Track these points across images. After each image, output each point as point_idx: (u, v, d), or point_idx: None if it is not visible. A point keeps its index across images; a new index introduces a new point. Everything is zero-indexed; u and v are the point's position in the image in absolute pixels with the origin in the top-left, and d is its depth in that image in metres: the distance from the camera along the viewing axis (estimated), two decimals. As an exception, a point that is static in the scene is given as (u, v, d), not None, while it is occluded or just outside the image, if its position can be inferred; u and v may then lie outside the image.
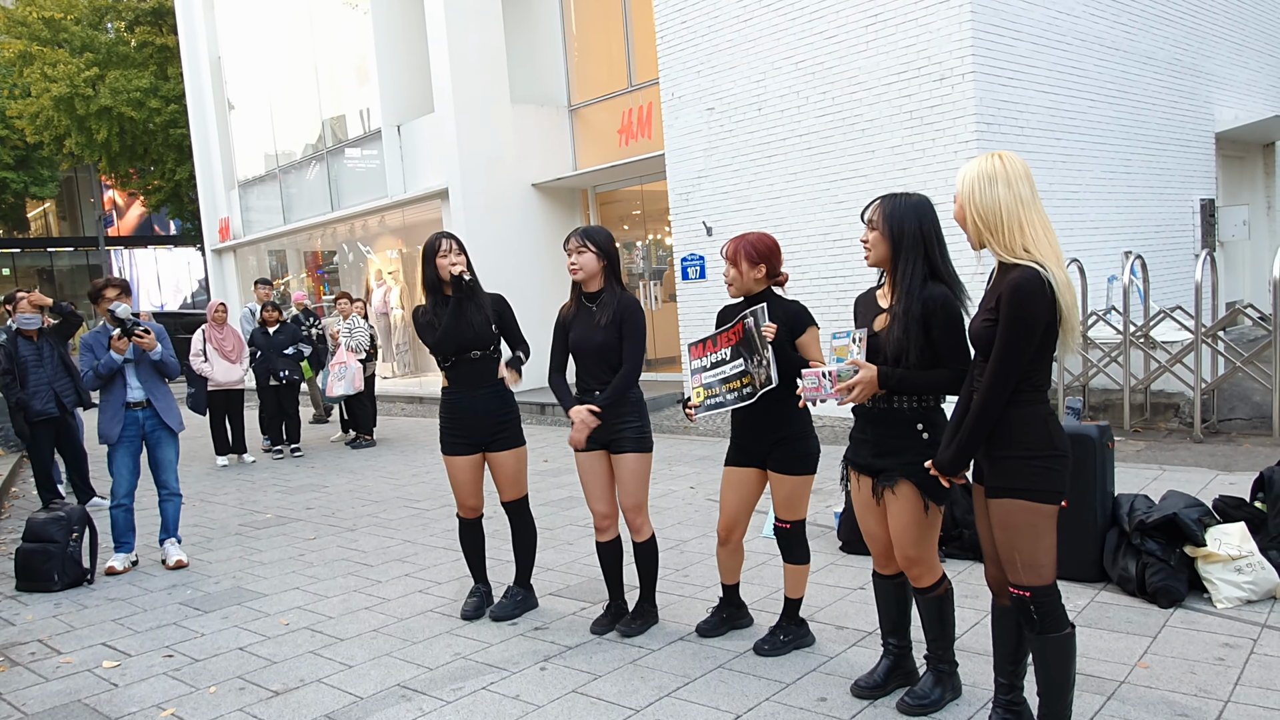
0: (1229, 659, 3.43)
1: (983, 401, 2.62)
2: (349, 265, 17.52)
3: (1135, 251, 8.74)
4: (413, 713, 3.46)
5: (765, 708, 3.30)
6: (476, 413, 4.28)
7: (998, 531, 2.69)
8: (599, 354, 3.93)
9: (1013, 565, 2.67)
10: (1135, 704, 3.14)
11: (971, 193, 2.64)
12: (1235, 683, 3.24)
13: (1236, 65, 12.12)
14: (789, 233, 9.54)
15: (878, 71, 8.69)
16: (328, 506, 7.29)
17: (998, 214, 2.61)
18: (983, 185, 2.62)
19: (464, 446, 4.33)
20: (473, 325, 4.21)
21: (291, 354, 9.83)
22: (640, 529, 4.04)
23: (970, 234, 2.69)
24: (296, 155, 16.69)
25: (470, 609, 4.45)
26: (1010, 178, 2.61)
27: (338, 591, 5.04)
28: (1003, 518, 2.67)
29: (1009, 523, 2.65)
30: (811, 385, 3.08)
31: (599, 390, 3.95)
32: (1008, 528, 2.66)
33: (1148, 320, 7.93)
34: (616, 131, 12.83)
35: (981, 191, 2.62)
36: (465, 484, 4.40)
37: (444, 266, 4.20)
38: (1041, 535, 2.63)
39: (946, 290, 3.00)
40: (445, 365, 4.29)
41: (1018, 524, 2.64)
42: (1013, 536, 2.65)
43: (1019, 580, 2.67)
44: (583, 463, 4.06)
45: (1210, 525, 4.08)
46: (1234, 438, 7.18)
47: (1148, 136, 10.37)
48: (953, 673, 3.23)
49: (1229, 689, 3.20)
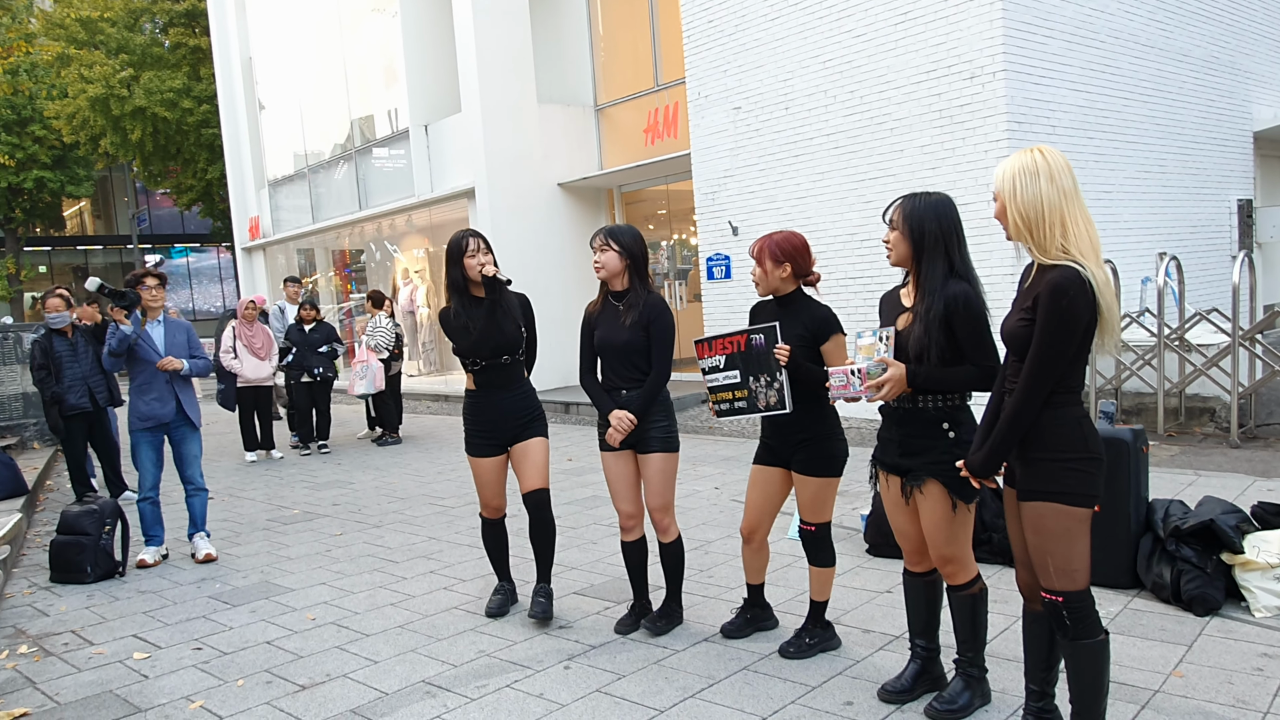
0: (1268, 669, 3.35)
1: (1018, 403, 2.57)
2: (376, 264, 17.63)
3: (1170, 253, 8.60)
4: (437, 709, 3.46)
5: (790, 711, 3.26)
6: (503, 414, 4.26)
7: (1030, 535, 2.65)
8: (624, 353, 3.91)
9: (1045, 570, 2.62)
10: (1170, 713, 3.07)
11: (1014, 189, 2.57)
12: (1275, 694, 3.17)
13: (1275, 63, 11.90)
14: (816, 233, 9.47)
15: (907, 70, 8.61)
16: (354, 503, 7.33)
17: (1039, 210, 2.54)
18: (1024, 181, 2.56)
19: (490, 448, 4.32)
20: (504, 329, 4.14)
21: (325, 351, 9.91)
22: (667, 529, 4.02)
23: (1010, 231, 2.64)
24: (325, 155, 16.82)
25: (495, 606, 4.45)
26: (1053, 172, 2.55)
27: (363, 587, 5.06)
28: (1036, 521, 2.62)
29: (1042, 526, 2.61)
30: (840, 383, 3.06)
31: (625, 389, 3.93)
32: (1041, 531, 2.61)
33: (1183, 323, 7.80)
34: (642, 131, 12.81)
35: (1023, 187, 2.56)
36: (490, 484, 4.38)
37: (473, 267, 4.12)
38: (1075, 540, 2.58)
39: (968, 287, 2.98)
40: (475, 369, 4.22)
41: (1051, 528, 2.59)
42: (1046, 541, 2.60)
43: (1052, 585, 2.62)
44: (609, 463, 4.05)
45: (1248, 532, 4.00)
46: (1272, 443, 7.04)
47: (1183, 135, 10.20)
48: (982, 678, 3.19)
49: (1268, 700, 3.13)
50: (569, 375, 13.08)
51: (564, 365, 13.02)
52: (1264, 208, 11.72)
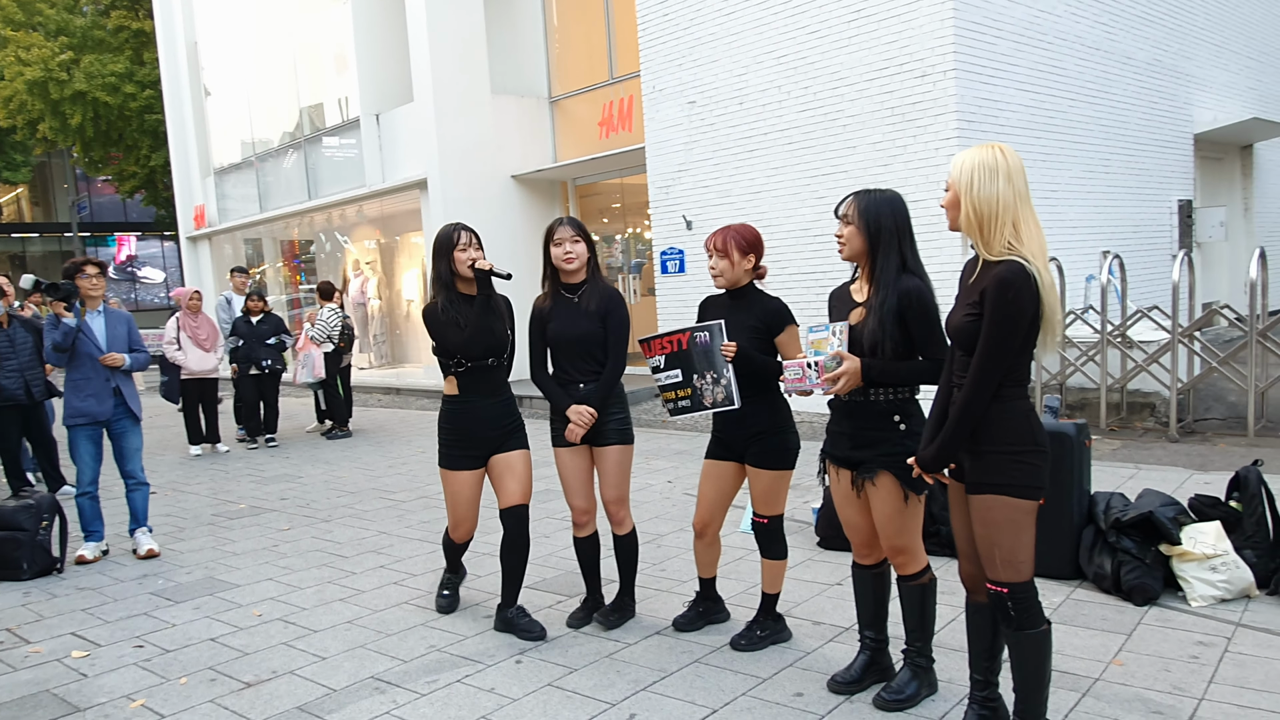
0: (1203, 657, 3.45)
1: (968, 396, 2.61)
2: (326, 255, 17.37)
3: (1113, 251, 8.79)
4: (386, 705, 3.42)
5: (741, 702, 3.28)
6: (484, 423, 3.98)
7: (978, 528, 2.68)
8: (581, 345, 3.87)
9: (992, 561, 2.66)
10: (1110, 701, 3.15)
11: (971, 183, 2.59)
12: (1209, 680, 3.26)
13: (1215, 67, 12.24)
14: (770, 228, 9.52)
15: (860, 67, 8.69)
16: (302, 497, 7.21)
17: (994, 208, 2.57)
18: (983, 177, 2.58)
19: (468, 460, 4.02)
20: (494, 329, 3.92)
21: (274, 344, 9.73)
22: (623, 521, 4.02)
23: (960, 222, 2.65)
24: (274, 143, 16.51)
25: (446, 605, 4.39)
26: (1011, 171, 2.59)
27: (311, 583, 4.98)
28: (984, 513, 2.66)
29: (990, 518, 2.64)
30: (795, 377, 3.07)
31: (581, 382, 3.89)
32: (989, 523, 2.65)
33: (1125, 320, 7.99)
34: (597, 124, 12.77)
35: (982, 183, 2.58)
36: (466, 501, 4.07)
37: (463, 261, 3.86)
38: (1022, 531, 2.63)
39: (920, 282, 3.03)
40: (460, 370, 3.95)
41: (999, 520, 2.63)
42: (993, 532, 2.64)
43: (998, 577, 2.66)
44: (564, 458, 3.99)
45: (1186, 524, 4.10)
46: (1209, 437, 7.25)
47: (1127, 137, 10.44)
48: (929, 668, 3.23)
49: (1203, 687, 3.22)
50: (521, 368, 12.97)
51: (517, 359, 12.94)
52: (1203, 208, 12.05)
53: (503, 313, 3.99)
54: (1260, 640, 3.55)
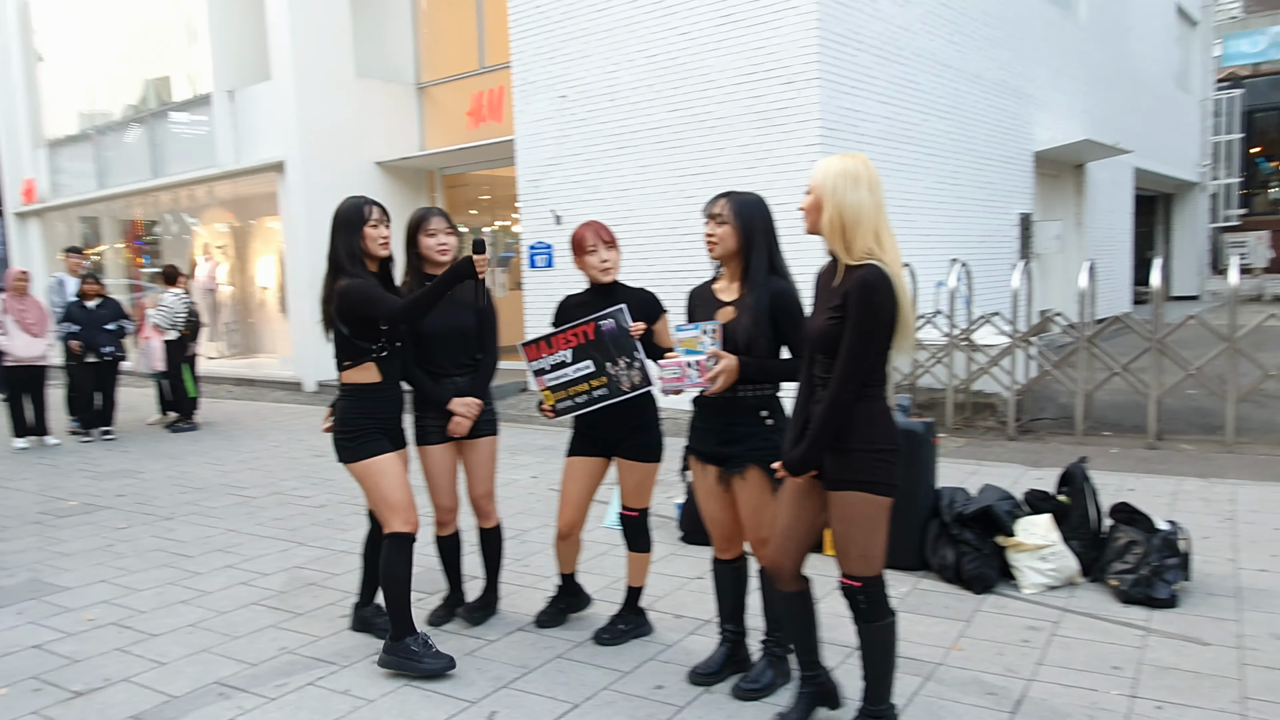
0: (1033, 640, 3.69)
1: (834, 397, 2.68)
2: (173, 237, 16.38)
3: (961, 259, 9.29)
4: (231, 711, 3.25)
5: (603, 696, 3.29)
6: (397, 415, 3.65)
7: (838, 524, 2.77)
8: (459, 338, 3.75)
9: (847, 556, 2.76)
10: (950, 684, 3.32)
11: (836, 189, 2.67)
12: (1038, 662, 3.49)
13: (1054, 90, 13.10)
14: (638, 225, 9.60)
15: (729, 70, 8.85)
16: (142, 493, 6.79)
17: (858, 215, 2.66)
18: (848, 184, 2.66)
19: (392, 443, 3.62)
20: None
21: (114, 330, 9.11)
22: (490, 514, 3.99)
23: (822, 226, 2.71)
24: (115, 115, 15.45)
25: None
26: (871, 182, 2.69)
27: (151, 584, 4.69)
28: (845, 510, 2.74)
29: (850, 514, 2.73)
30: (673, 375, 3.10)
31: (456, 376, 3.77)
32: (849, 520, 2.73)
33: (970, 324, 8.44)
34: (466, 114, 12.54)
35: (845, 191, 2.66)
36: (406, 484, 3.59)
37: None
38: (877, 527, 2.73)
39: (789, 284, 3.13)
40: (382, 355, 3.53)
41: (858, 516, 2.72)
42: (851, 528, 2.73)
43: (852, 571, 2.75)
44: (435, 456, 3.81)
45: (1020, 517, 4.37)
46: (1042, 436, 7.76)
47: (975, 151, 11.05)
48: (785, 658, 3.33)
49: (1032, 668, 3.44)
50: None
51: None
52: (1041, 221, 12.90)
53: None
54: (1083, 624, 3.82)
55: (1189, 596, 4.05)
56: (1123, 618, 3.86)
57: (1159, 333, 7.14)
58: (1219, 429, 7.24)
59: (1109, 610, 3.94)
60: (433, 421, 3.78)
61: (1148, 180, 18.42)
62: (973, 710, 3.11)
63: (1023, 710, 3.11)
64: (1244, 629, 3.71)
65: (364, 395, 3.54)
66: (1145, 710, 3.08)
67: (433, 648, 3.50)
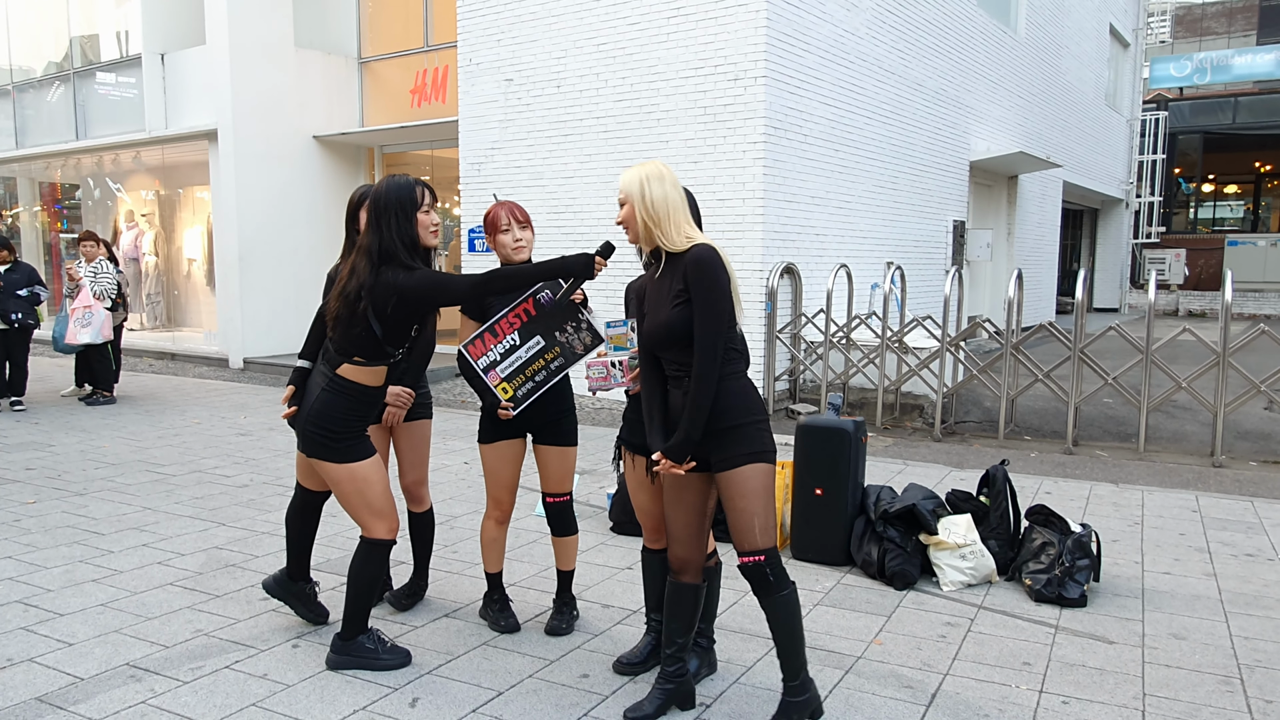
0: (950, 636, 3.78)
1: (703, 373, 2.76)
2: (95, 202, 15.78)
3: (896, 262, 9.46)
4: (142, 694, 3.15)
5: (528, 684, 3.28)
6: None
7: (739, 501, 2.81)
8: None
9: (751, 530, 2.80)
10: (869, 677, 3.39)
11: (642, 192, 2.84)
12: (954, 657, 3.58)
13: (991, 102, 13.42)
14: (580, 214, 9.57)
15: (676, 64, 8.86)
16: (53, 468, 6.54)
17: (666, 207, 2.83)
18: (651, 184, 2.84)
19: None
20: None
21: (26, 295, 8.73)
22: (423, 499, 3.97)
23: (640, 231, 2.87)
24: (36, 72, 14.81)
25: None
26: (672, 179, 2.88)
27: (59, 562, 4.52)
28: (743, 484, 2.81)
29: (750, 488, 2.80)
30: (599, 375, 3.10)
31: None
32: (749, 493, 2.80)
33: (902, 327, 8.62)
34: (409, 91, 12.33)
35: (650, 189, 2.84)
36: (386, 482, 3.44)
37: (426, 224, 3.26)
38: (771, 495, 2.85)
39: None
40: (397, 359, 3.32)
41: (758, 487, 2.81)
42: (752, 501, 2.81)
43: (756, 545, 2.80)
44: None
45: (942, 516, 4.48)
46: (966, 438, 7.96)
47: (913, 158, 11.26)
48: (710, 648, 3.36)
49: (948, 663, 3.53)
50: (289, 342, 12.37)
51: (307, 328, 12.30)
52: (973, 229, 13.21)
53: None
54: (997, 621, 3.94)
55: (1097, 597, 4.20)
56: (1035, 616, 3.98)
57: (1080, 342, 7.38)
58: (1132, 437, 7.52)
59: (1022, 608, 4.07)
60: None
61: (1075, 194, 19.01)
62: (890, 703, 3.18)
63: (937, 704, 3.19)
64: (1147, 629, 3.86)
65: (362, 397, 3.27)
66: (1052, 705, 3.19)
67: (387, 644, 3.41)
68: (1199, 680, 3.39)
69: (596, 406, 9.07)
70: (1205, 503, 5.83)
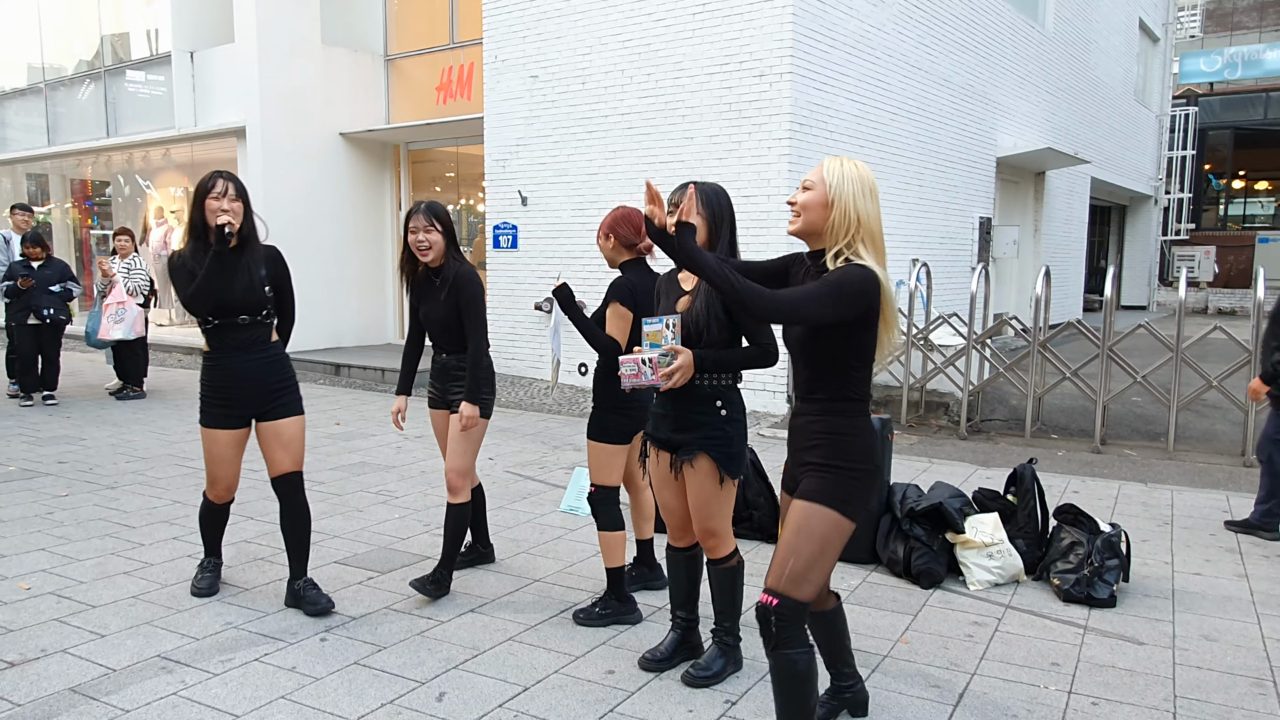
0: (977, 636, 3.76)
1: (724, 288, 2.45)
2: (125, 199, 15.98)
3: (922, 260, 9.40)
4: (173, 685, 3.20)
5: (553, 680, 3.29)
6: (245, 380, 3.80)
7: (790, 535, 2.55)
8: (443, 327, 4.02)
9: (782, 566, 2.53)
10: (896, 676, 3.37)
11: (855, 195, 2.52)
12: (981, 657, 3.56)
13: (1019, 98, 13.29)
14: (604, 210, 9.52)
15: (702, 60, 8.84)
16: (85, 461, 6.63)
17: (871, 225, 2.53)
18: (862, 192, 2.53)
19: (228, 419, 3.83)
20: (235, 286, 3.71)
21: (59, 291, 8.85)
22: (459, 490, 4.03)
23: (826, 226, 2.55)
24: (68, 70, 15.00)
25: (206, 586, 4.06)
26: (876, 195, 2.57)
27: (92, 554, 4.58)
28: (804, 522, 2.55)
29: (808, 529, 2.54)
30: (631, 372, 3.11)
31: (445, 354, 4.07)
32: (803, 533, 2.54)
33: (928, 324, 8.56)
34: (435, 88, 12.38)
35: (861, 198, 2.53)
36: (226, 461, 3.88)
37: (212, 210, 3.66)
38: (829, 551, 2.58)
39: None
40: (205, 326, 3.79)
41: (815, 532, 2.54)
42: (803, 543, 2.55)
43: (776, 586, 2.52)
44: (433, 421, 4.24)
45: (969, 514, 4.45)
46: (992, 436, 7.90)
47: (939, 154, 11.17)
48: (736, 646, 3.36)
49: (975, 663, 3.50)
50: (340, 336, 12.49)
51: (335, 326, 12.41)
52: (1000, 226, 13.09)
53: (256, 270, 3.79)
54: (1025, 621, 3.91)
55: (1127, 597, 4.16)
56: (1063, 616, 3.95)
57: (1109, 340, 7.30)
58: (1161, 436, 7.43)
59: (1050, 608, 4.03)
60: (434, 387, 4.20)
61: (1103, 191, 18.79)
62: (917, 703, 3.16)
63: (965, 703, 3.17)
64: (1177, 630, 3.82)
65: (205, 362, 3.93)
66: (1081, 706, 3.16)
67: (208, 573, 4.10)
68: (1231, 682, 3.35)
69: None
70: (1236, 503, 5.75)
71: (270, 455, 3.88)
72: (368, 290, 12.84)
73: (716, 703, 3.13)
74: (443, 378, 4.12)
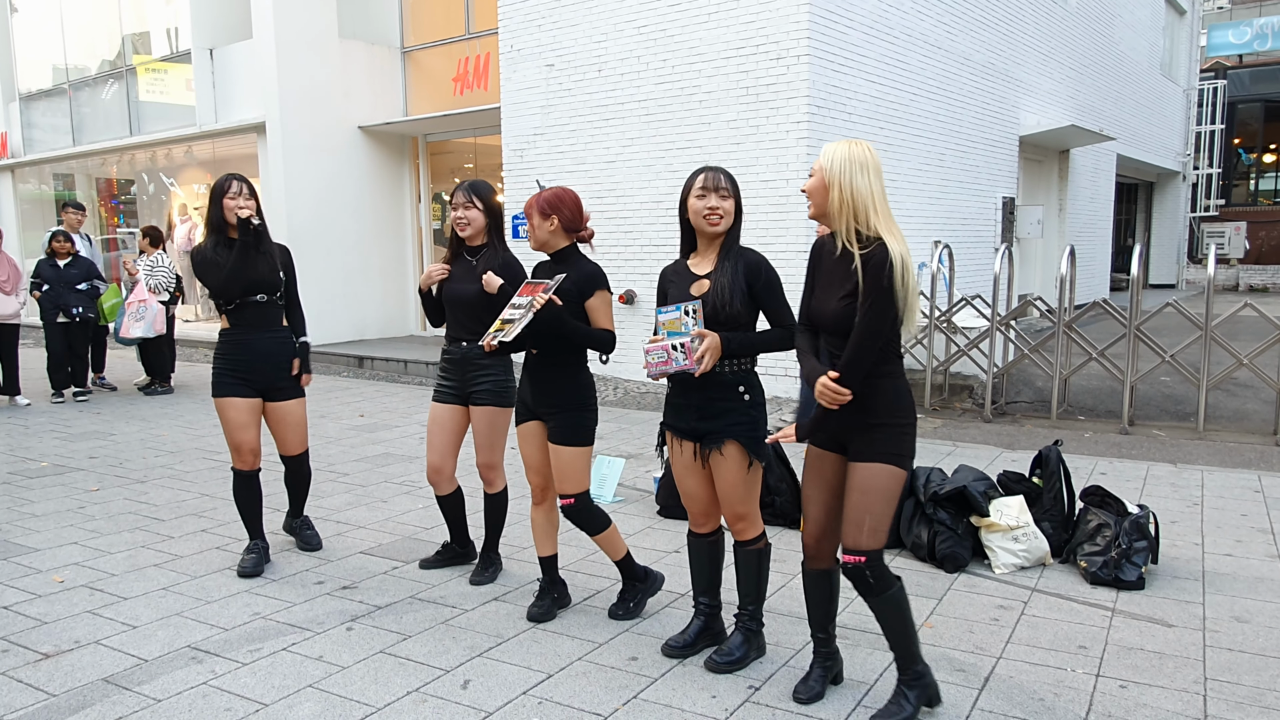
0: (1002, 619, 3.73)
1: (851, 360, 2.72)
2: (149, 197, 16.14)
3: (944, 241, 9.31)
4: (203, 675, 3.24)
5: (577, 667, 3.31)
6: (258, 355, 4.24)
7: (858, 496, 2.80)
8: (470, 307, 3.93)
9: (860, 527, 2.78)
10: (921, 661, 3.35)
11: (844, 174, 2.73)
12: (1007, 641, 3.53)
13: (1041, 75, 13.10)
14: (622, 198, 9.55)
15: (718, 44, 8.78)
16: (115, 456, 6.72)
17: (868, 200, 2.73)
18: (854, 170, 2.73)
19: (242, 388, 4.23)
20: (259, 269, 4.20)
21: (86, 289, 8.96)
22: (493, 482, 4.10)
23: (830, 208, 2.77)
24: (91, 71, 15.15)
25: (249, 566, 4.24)
26: (877, 169, 2.76)
27: (123, 547, 4.65)
28: (868, 480, 2.79)
29: (874, 485, 2.78)
30: (660, 360, 3.09)
31: (465, 342, 3.96)
32: (871, 490, 2.79)
33: (951, 306, 8.48)
34: (451, 79, 12.39)
35: (854, 176, 2.73)
36: (243, 426, 4.23)
37: (230, 208, 4.13)
38: (893, 500, 2.84)
39: (759, 254, 3.21)
40: (228, 308, 4.20)
41: (880, 486, 2.79)
42: (869, 498, 2.79)
43: (860, 544, 2.79)
44: (434, 413, 4.08)
45: (994, 498, 4.41)
46: (1018, 419, 7.83)
47: (960, 134, 11.04)
48: (759, 631, 3.36)
49: (1001, 646, 3.48)
50: (363, 328, 12.58)
51: (359, 318, 12.50)
52: (1023, 206, 12.93)
53: (273, 257, 4.28)
54: (1051, 604, 3.87)
55: (1155, 579, 4.11)
56: (1091, 599, 3.91)
57: (1136, 319, 7.20)
58: (1190, 416, 7.33)
59: (1078, 591, 4.00)
60: (444, 378, 4.11)
61: (1129, 168, 18.51)
62: (942, 686, 3.14)
63: (990, 687, 3.15)
64: (1208, 611, 3.77)
65: (222, 339, 4.28)
66: (1109, 689, 3.13)
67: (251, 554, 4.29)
68: (1263, 664, 3.31)
69: (641, 391, 9.08)
70: (1268, 482, 5.67)
71: (280, 436, 4.41)
72: (390, 282, 12.91)
73: (740, 688, 3.14)
74: (462, 369, 3.97)
